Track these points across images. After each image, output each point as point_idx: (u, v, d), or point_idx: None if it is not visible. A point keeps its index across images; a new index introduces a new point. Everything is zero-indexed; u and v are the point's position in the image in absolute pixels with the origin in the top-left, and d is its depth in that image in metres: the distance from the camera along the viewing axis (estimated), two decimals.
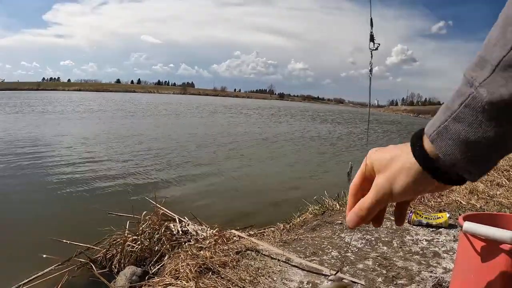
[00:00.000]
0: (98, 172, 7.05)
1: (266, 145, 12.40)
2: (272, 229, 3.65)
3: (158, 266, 2.91)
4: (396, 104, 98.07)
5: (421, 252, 2.77)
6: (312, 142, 14.11)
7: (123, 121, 18.23)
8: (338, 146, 13.62)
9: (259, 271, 2.37)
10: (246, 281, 2.22)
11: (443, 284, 2.19)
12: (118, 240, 3.23)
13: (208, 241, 2.97)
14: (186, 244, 3.11)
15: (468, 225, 1.47)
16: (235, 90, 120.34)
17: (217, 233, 3.19)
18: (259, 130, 17.59)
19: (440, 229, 3.20)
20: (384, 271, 2.44)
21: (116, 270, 3.06)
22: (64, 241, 3.47)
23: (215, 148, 11.07)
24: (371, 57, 0.63)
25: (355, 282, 2.28)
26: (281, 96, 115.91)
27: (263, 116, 29.87)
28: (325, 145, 13.46)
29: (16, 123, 14.68)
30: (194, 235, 3.32)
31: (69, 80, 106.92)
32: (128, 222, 3.47)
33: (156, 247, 3.12)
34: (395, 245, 2.90)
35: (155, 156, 9.18)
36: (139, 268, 2.91)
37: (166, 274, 2.38)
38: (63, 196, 5.56)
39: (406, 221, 3.36)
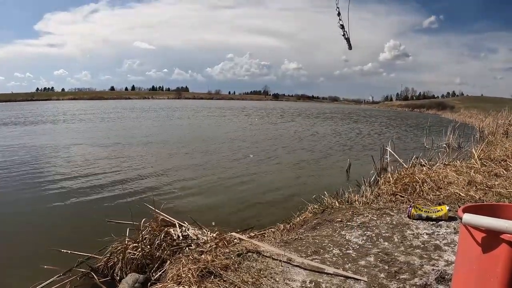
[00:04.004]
0: (96, 181, 7.02)
1: (266, 144, 12.43)
2: (273, 229, 3.64)
3: (160, 272, 2.90)
4: (391, 100, 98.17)
5: (422, 246, 2.77)
6: (313, 140, 14.17)
7: (120, 128, 18.20)
8: (337, 143, 13.68)
9: (261, 272, 2.36)
10: (249, 283, 2.21)
11: (446, 276, 2.19)
12: (119, 247, 3.21)
13: (209, 245, 2.96)
14: (187, 248, 3.10)
15: (467, 217, 1.47)
16: (229, 92, 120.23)
17: (217, 237, 3.17)
18: (262, 130, 17.63)
19: (440, 222, 3.21)
20: (386, 267, 2.44)
21: (118, 278, 3.03)
22: (64, 251, 3.44)
23: (212, 150, 11.07)
24: None
25: (357, 279, 2.28)
26: (276, 97, 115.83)
27: (264, 117, 29.96)
28: (323, 143, 13.51)
29: (21, 135, 14.55)
30: (194, 239, 3.31)
31: (63, 89, 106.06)
32: (128, 229, 3.45)
33: (157, 253, 3.10)
34: (396, 240, 2.90)
35: (153, 161, 9.17)
36: (141, 275, 2.89)
37: (169, 279, 2.37)
38: (62, 206, 5.52)
39: (406, 215, 3.37)
